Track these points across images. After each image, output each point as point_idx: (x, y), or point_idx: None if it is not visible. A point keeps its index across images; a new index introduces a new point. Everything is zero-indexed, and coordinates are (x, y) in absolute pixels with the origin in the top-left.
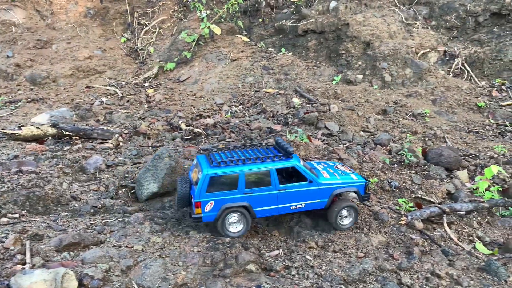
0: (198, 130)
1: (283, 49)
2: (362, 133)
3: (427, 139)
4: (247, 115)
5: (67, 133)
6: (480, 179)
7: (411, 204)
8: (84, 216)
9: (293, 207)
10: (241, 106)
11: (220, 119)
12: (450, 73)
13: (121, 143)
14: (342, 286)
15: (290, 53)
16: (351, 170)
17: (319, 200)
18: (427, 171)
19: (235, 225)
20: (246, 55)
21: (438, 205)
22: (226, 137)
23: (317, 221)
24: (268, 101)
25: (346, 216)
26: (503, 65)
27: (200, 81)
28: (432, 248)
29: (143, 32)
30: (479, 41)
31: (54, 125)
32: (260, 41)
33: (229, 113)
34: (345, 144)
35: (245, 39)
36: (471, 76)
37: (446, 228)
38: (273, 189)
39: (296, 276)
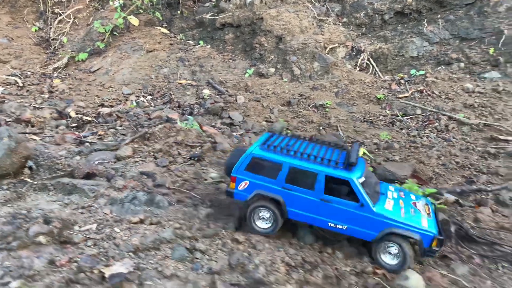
0: (88, 118)
1: (201, 42)
2: (264, 123)
3: (321, 128)
4: (153, 105)
5: None
6: None
7: None
8: None
9: (332, 225)
10: (149, 97)
11: (121, 109)
12: (357, 67)
13: None
14: (131, 253)
15: (208, 46)
16: (429, 215)
17: (366, 231)
18: None
19: (264, 221)
20: (163, 47)
21: None
22: (117, 125)
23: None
24: (178, 92)
25: (390, 253)
26: (404, 60)
27: (111, 71)
28: None
29: (56, 22)
30: (384, 38)
31: None
32: (180, 33)
33: (134, 103)
34: (241, 132)
35: (164, 30)
36: (376, 70)
37: None
38: (314, 195)
39: (91, 246)
